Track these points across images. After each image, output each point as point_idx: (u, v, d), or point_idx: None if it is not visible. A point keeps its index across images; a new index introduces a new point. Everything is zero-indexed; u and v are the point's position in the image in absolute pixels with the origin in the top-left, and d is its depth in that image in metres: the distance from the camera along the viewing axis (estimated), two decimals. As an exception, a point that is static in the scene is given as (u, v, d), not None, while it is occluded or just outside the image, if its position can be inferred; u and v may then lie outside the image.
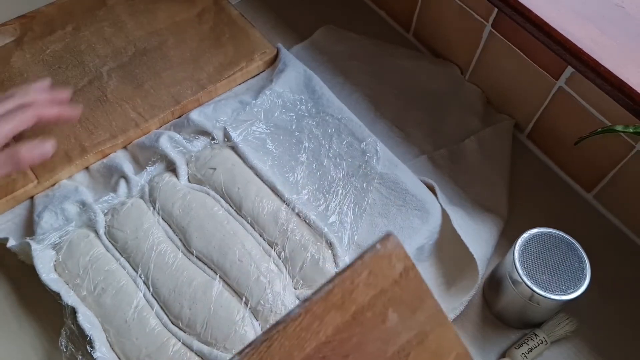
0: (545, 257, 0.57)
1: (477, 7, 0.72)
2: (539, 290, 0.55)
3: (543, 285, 0.55)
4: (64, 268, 0.62)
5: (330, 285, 0.36)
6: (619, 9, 0.62)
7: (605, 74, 0.57)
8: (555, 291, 0.55)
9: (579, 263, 0.57)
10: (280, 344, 0.34)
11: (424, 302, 0.39)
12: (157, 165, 0.70)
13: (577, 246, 0.58)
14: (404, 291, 0.38)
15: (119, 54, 0.79)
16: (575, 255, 0.58)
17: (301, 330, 0.35)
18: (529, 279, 0.56)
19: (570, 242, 0.58)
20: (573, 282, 0.56)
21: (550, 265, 0.57)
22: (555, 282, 0.56)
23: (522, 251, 0.57)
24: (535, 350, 0.60)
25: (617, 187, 0.68)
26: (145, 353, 0.57)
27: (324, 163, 0.71)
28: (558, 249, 0.58)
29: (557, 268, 0.57)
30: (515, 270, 0.56)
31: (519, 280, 0.56)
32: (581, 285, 0.56)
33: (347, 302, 0.36)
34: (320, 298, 0.35)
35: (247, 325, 0.58)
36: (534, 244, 0.58)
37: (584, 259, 0.57)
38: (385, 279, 0.37)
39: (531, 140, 0.75)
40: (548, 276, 0.56)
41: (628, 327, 0.63)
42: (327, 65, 0.82)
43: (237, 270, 0.61)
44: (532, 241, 0.58)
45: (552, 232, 0.59)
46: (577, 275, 0.57)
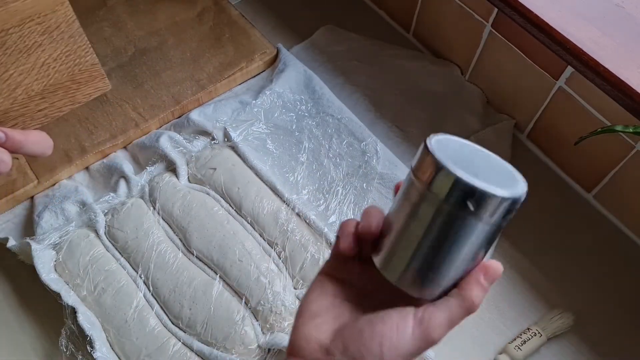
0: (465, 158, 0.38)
1: (477, 7, 0.72)
2: (477, 182, 0.33)
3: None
4: (64, 268, 0.62)
5: None
6: (619, 9, 0.62)
7: (605, 73, 0.57)
8: (495, 187, 0.34)
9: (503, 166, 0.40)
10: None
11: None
12: (157, 165, 0.70)
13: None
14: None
15: (119, 54, 0.79)
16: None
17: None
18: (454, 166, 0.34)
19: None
20: (507, 181, 0.37)
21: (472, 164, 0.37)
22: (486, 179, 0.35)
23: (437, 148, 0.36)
24: (529, 343, 0.60)
25: (617, 187, 0.68)
26: (146, 353, 0.57)
27: (324, 163, 0.71)
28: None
29: (483, 168, 0.38)
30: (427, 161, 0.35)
31: (436, 172, 0.34)
32: (518, 182, 0.37)
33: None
34: None
35: (247, 325, 0.58)
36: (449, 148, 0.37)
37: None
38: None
39: (531, 140, 0.75)
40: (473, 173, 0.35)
41: (628, 326, 0.63)
42: (327, 66, 0.81)
43: (237, 270, 0.61)
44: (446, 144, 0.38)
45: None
46: (507, 174, 0.39)
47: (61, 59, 0.44)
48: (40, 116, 0.45)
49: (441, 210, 0.35)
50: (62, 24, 0.43)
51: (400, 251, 0.37)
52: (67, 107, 0.47)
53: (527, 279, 0.66)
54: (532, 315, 0.63)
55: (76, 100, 0.47)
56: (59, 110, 0.46)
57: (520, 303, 0.64)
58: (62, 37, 0.43)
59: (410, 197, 0.36)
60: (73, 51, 0.44)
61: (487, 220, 0.35)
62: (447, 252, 0.36)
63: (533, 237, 0.68)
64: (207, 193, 0.67)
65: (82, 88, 0.46)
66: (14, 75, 0.42)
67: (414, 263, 0.37)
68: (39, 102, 0.45)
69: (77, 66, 0.45)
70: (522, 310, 0.64)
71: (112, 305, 0.60)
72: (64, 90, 0.46)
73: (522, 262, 0.67)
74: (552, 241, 0.68)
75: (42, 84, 0.44)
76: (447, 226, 0.35)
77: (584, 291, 0.65)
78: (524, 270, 0.66)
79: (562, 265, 0.67)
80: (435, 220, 0.35)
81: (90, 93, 0.47)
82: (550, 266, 0.66)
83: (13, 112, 0.44)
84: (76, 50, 0.44)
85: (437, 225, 0.35)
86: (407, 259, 0.37)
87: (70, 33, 0.44)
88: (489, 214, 0.35)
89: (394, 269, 0.38)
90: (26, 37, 0.42)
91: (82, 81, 0.46)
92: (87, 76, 0.46)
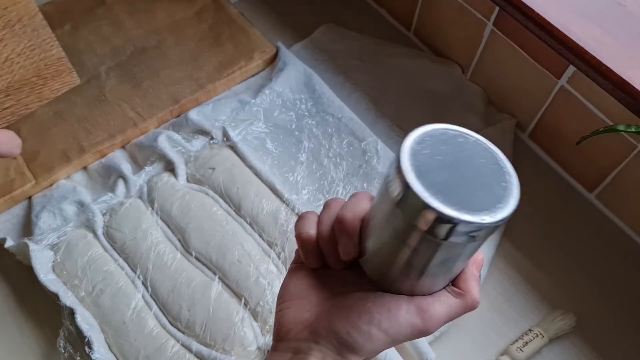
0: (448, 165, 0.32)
1: (478, 6, 0.72)
2: (451, 210, 0.29)
3: (452, 202, 0.29)
4: (62, 269, 0.62)
5: None
6: (621, 7, 0.62)
7: (608, 73, 0.56)
8: (473, 210, 0.29)
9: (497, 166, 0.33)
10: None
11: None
12: (155, 165, 0.69)
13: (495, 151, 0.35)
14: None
15: (118, 53, 0.79)
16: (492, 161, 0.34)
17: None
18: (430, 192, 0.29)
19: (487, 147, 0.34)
20: (494, 198, 0.31)
21: (457, 174, 0.31)
22: (468, 200, 0.30)
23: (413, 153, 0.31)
24: (531, 344, 0.59)
25: (619, 187, 0.67)
26: (144, 354, 0.57)
27: (324, 163, 0.70)
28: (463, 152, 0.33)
29: (468, 179, 0.32)
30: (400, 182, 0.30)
31: (408, 198, 0.30)
32: (509, 201, 0.31)
33: None
34: None
35: (246, 327, 0.58)
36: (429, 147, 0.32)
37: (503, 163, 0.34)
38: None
39: (533, 139, 0.75)
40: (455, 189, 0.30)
41: (630, 327, 0.63)
42: (327, 64, 0.81)
43: (237, 271, 0.61)
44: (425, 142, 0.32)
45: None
46: (496, 186, 0.32)
47: (25, 54, 0.43)
48: (7, 114, 0.44)
49: (413, 233, 0.31)
50: (24, 17, 0.42)
51: (379, 263, 0.35)
52: (34, 103, 0.46)
53: (529, 280, 0.65)
54: (534, 316, 0.63)
55: (44, 96, 0.46)
56: (26, 107, 0.45)
57: (521, 304, 0.64)
58: (24, 31, 0.42)
59: (385, 209, 0.33)
60: (37, 45, 0.43)
61: (467, 241, 0.31)
62: (429, 269, 0.33)
63: (534, 237, 0.68)
64: (206, 193, 0.67)
65: (50, 83, 0.45)
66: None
67: (397, 276, 0.35)
68: (4, 100, 0.43)
69: (42, 61, 0.44)
70: (524, 311, 0.63)
71: (110, 306, 0.59)
72: (30, 86, 0.44)
73: (524, 263, 0.66)
74: (553, 241, 0.68)
75: (6, 81, 0.43)
76: (422, 248, 0.32)
77: (586, 292, 0.65)
78: (526, 271, 0.66)
79: (563, 265, 0.66)
80: (407, 240, 0.32)
81: (58, 88, 0.46)
82: (552, 267, 0.66)
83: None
84: (40, 44, 0.43)
85: (410, 246, 0.32)
86: (390, 272, 0.35)
87: (33, 26, 0.42)
88: (467, 237, 0.31)
89: (379, 278, 0.36)
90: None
91: (49, 76, 0.45)
92: (53, 71, 0.45)
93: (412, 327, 0.34)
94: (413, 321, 0.34)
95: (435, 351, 0.58)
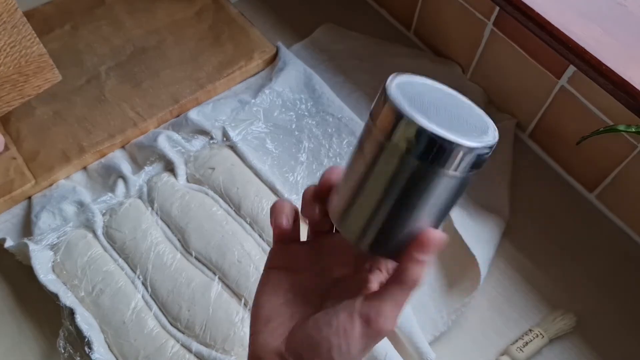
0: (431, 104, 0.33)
1: (478, 5, 0.71)
2: (439, 130, 0.30)
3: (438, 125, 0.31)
4: (62, 269, 0.61)
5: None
6: (621, 7, 0.62)
7: (608, 73, 0.56)
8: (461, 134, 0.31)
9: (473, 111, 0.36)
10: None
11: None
12: (155, 165, 0.69)
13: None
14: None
15: (118, 53, 0.79)
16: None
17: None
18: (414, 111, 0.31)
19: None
20: (477, 130, 0.33)
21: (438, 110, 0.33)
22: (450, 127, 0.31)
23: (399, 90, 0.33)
24: (531, 344, 0.59)
25: (619, 187, 0.67)
26: (144, 354, 0.57)
27: (324, 163, 0.70)
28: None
29: (450, 114, 0.33)
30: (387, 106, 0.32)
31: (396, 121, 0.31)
32: (488, 130, 0.34)
33: None
34: None
35: (246, 327, 0.58)
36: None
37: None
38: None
39: (533, 139, 0.75)
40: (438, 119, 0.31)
41: (630, 328, 0.63)
42: (327, 64, 0.81)
43: (236, 271, 0.61)
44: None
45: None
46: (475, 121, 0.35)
47: (5, 51, 0.42)
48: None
49: (403, 162, 0.31)
50: (3, 14, 0.41)
51: (359, 208, 0.35)
52: (16, 100, 0.45)
53: (529, 280, 0.65)
54: (534, 317, 0.63)
55: (25, 93, 0.45)
56: (8, 104, 0.45)
57: (522, 304, 0.64)
58: (4, 28, 0.42)
59: (369, 148, 0.33)
60: (17, 42, 0.43)
61: (454, 172, 0.32)
62: (409, 208, 0.33)
63: (534, 237, 0.68)
64: (205, 193, 0.67)
65: (31, 80, 0.45)
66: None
67: (375, 220, 0.34)
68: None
69: (23, 57, 0.43)
70: (524, 312, 0.63)
71: (110, 307, 0.59)
72: (12, 83, 0.44)
73: (524, 263, 0.66)
74: (553, 241, 0.68)
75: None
76: (410, 179, 0.32)
77: (586, 292, 0.64)
78: (526, 271, 0.66)
79: (564, 265, 0.66)
80: (396, 173, 0.32)
81: (39, 85, 0.46)
82: (552, 267, 0.66)
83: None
84: (21, 40, 0.43)
85: (398, 179, 0.32)
86: (367, 216, 0.34)
87: (13, 23, 0.42)
88: (454, 165, 0.31)
89: (351, 227, 0.35)
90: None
91: (30, 73, 0.44)
92: (34, 67, 0.45)
93: (372, 336, 0.35)
94: (369, 332, 0.34)
95: (436, 351, 0.58)
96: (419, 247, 0.34)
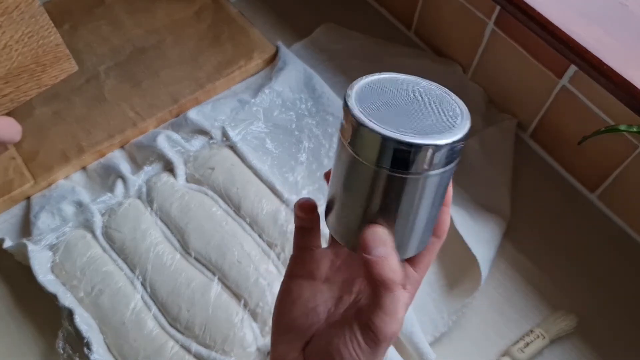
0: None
1: (479, 5, 0.71)
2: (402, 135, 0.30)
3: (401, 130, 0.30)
4: (61, 269, 0.61)
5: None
6: (622, 7, 0.62)
7: (609, 72, 0.56)
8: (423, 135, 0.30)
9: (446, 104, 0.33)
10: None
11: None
12: (154, 165, 0.69)
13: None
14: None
15: (117, 53, 0.78)
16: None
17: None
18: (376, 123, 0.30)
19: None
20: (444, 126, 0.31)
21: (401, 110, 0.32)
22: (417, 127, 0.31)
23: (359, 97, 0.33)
24: (532, 345, 0.59)
25: (620, 187, 0.67)
26: (144, 355, 0.57)
27: (324, 163, 0.70)
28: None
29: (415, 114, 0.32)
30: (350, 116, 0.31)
31: (358, 129, 0.31)
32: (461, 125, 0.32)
33: None
34: None
35: (246, 327, 0.58)
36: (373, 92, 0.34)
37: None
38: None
39: (534, 139, 0.75)
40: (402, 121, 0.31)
41: (632, 328, 0.63)
42: (327, 64, 0.81)
43: (236, 272, 0.60)
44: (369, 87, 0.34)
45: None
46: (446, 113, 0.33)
47: (23, 41, 0.43)
48: (6, 101, 0.45)
49: (375, 173, 0.31)
50: (22, 4, 0.42)
51: (341, 214, 0.35)
52: (33, 90, 0.46)
53: (530, 280, 0.65)
54: (535, 317, 0.63)
55: (42, 83, 0.46)
56: (25, 94, 0.45)
57: (522, 305, 0.63)
58: (22, 18, 0.42)
59: (343, 160, 0.32)
60: (35, 32, 0.43)
61: (430, 172, 0.31)
62: (393, 213, 0.32)
63: (536, 237, 0.68)
64: (205, 193, 0.66)
65: (48, 70, 0.45)
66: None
67: (359, 224, 0.34)
68: (3, 87, 0.44)
69: (40, 47, 0.44)
70: (525, 312, 0.63)
71: (109, 307, 0.59)
72: (29, 73, 0.44)
73: (525, 263, 0.66)
74: (555, 242, 0.68)
75: (5, 68, 0.43)
76: (385, 187, 0.31)
77: (588, 292, 0.64)
78: (527, 272, 0.66)
79: (565, 266, 0.66)
80: (371, 184, 0.31)
81: (56, 75, 0.46)
82: (553, 267, 0.66)
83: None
84: (38, 30, 0.43)
85: (372, 188, 0.31)
86: (355, 225, 0.34)
87: (31, 13, 0.42)
88: (426, 166, 0.30)
89: (343, 236, 0.36)
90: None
91: (47, 63, 0.45)
92: (51, 57, 0.45)
93: (373, 343, 0.35)
94: (370, 338, 0.35)
95: (436, 352, 0.58)
96: (363, 249, 0.34)
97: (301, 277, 0.39)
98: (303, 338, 0.37)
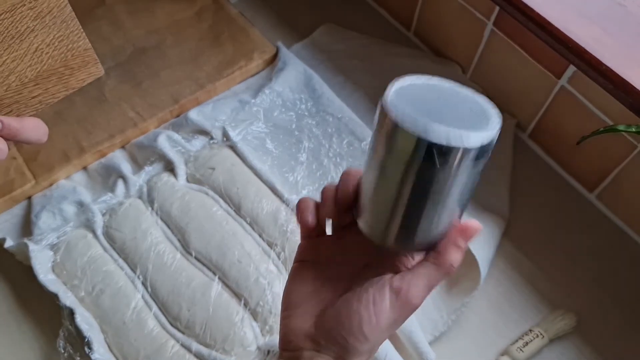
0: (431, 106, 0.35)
1: (478, 5, 0.71)
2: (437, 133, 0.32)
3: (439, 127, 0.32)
4: (62, 269, 0.61)
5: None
6: (621, 7, 0.62)
7: (608, 72, 0.56)
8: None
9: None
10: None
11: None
12: (155, 165, 0.69)
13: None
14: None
15: (118, 53, 0.79)
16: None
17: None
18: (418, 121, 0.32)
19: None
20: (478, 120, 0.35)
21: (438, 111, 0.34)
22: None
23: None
24: (531, 345, 0.59)
25: (619, 187, 0.67)
26: (144, 354, 0.57)
27: (324, 163, 0.70)
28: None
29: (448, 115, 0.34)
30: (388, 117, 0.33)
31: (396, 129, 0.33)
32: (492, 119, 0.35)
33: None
34: None
35: (246, 327, 0.58)
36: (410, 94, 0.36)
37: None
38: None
39: (533, 139, 0.75)
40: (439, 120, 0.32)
41: (631, 327, 0.63)
42: (327, 64, 0.81)
43: (237, 271, 0.60)
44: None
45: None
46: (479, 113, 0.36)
47: (54, 45, 0.44)
48: (35, 103, 0.46)
49: (408, 169, 0.33)
50: (54, 9, 0.43)
51: (377, 213, 0.37)
52: (61, 93, 0.46)
53: (529, 280, 0.65)
54: (534, 317, 0.63)
55: (70, 85, 0.46)
56: (53, 96, 0.46)
57: (522, 304, 0.64)
58: (54, 22, 0.43)
59: (378, 156, 0.35)
60: (66, 36, 0.44)
61: (459, 170, 0.33)
62: (424, 207, 0.35)
63: (535, 237, 0.68)
64: (205, 193, 0.67)
65: (76, 73, 0.46)
66: (7, 62, 0.42)
67: (394, 223, 0.36)
68: (32, 89, 0.45)
69: (70, 51, 0.45)
70: (524, 312, 0.63)
71: (110, 307, 0.59)
72: (58, 76, 0.45)
73: (524, 263, 0.66)
74: (554, 241, 0.68)
75: (35, 70, 0.44)
76: (418, 183, 0.34)
77: (587, 292, 0.64)
78: (526, 271, 0.66)
79: (564, 266, 0.66)
80: (404, 178, 0.34)
81: (84, 78, 0.47)
82: (553, 267, 0.66)
83: (7, 100, 0.44)
84: (69, 35, 0.44)
85: (406, 183, 0.34)
86: (386, 219, 0.36)
87: (63, 18, 0.43)
88: (456, 165, 0.33)
89: (374, 231, 0.37)
90: (18, 23, 0.41)
91: (76, 66, 0.46)
92: (80, 61, 0.46)
93: (399, 311, 0.36)
94: (398, 304, 0.36)
95: (436, 351, 0.58)
96: (464, 234, 0.36)
97: (309, 261, 0.41)
98: (314, 310, 0.38)
